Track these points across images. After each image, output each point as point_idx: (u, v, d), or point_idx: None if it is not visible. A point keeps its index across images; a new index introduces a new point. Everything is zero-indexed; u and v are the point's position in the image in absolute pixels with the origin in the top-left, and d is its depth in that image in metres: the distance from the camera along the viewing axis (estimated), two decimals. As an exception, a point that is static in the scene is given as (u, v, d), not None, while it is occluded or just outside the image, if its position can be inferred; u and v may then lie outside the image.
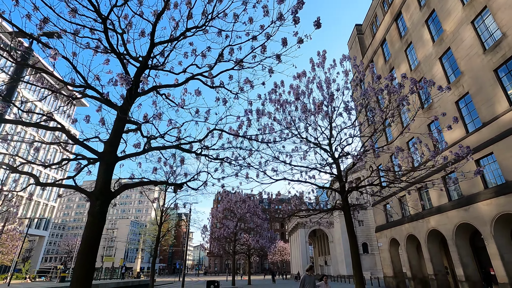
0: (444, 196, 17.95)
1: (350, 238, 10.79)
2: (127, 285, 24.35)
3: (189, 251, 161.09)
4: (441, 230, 18.00)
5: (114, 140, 5.53)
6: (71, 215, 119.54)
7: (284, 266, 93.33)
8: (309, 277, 8.45)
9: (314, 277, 8.63)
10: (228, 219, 30.76)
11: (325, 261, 61.91)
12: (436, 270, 18.85)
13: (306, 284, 8.30)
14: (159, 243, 13.76)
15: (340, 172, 11.88)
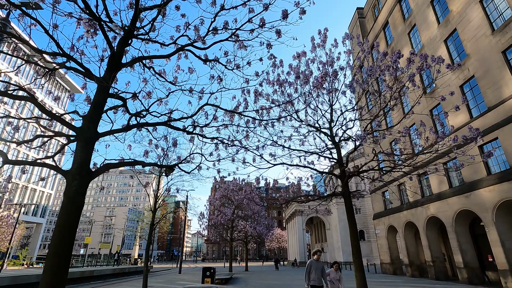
0: (444, 183, 17.63)
1: (350, 224, 10.43)
2: (124, 271, 24.27)
3: (187, 238, 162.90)
4: (441, 217, 17.78)
5: (94, 115, 4.95)
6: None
7: (281, 253, 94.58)
8: (316, 263, 7.30)
9: (322, 263, 7.41)
10: (225, 206, 30.55)
11: (321, 248, 62.59)
12: (434, 257, 18.76)
13: (312, 270, 7.13)
14: (153, 230, 13.35)
15: (341, 156, 11.41)
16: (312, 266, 7.21)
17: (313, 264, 7.27)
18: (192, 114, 6.12)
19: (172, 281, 19.39)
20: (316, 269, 7.18)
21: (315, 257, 7.48)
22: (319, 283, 7.12)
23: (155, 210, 13.97)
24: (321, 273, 7.22)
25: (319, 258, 7.53)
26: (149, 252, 13.16)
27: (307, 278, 7.15)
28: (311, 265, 7.23)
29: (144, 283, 12.37)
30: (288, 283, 18.03)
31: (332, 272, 7.81)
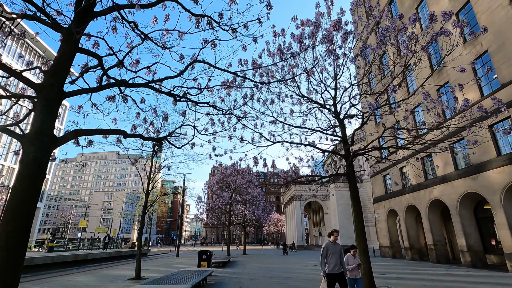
0: (450, 165, 17.00)
1: (354, 206, 9.80)
2: (120, 255, 24.00)
3: (187, 222, 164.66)
4: (445, 200, 17.26)
5: (59, 70, 4.09)
6: (67, 187, 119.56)
7: (279, 237, 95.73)
8: (333, 246, 5.93)
9: (339, 246, 6.06)
10: (223, 190, 30.08)
11: (319, 232, 63.08)
12: (435, 240, 18.41)
13: (329, 254, 5.80)
14: (146, 212, 12.72)
15: (345, 134, 10.64)
16: (328, 249, 5.86)
17: (329, 247, 5.91)
18: (180, 72, 5.24)
19: (169, 265, 19.04)
20: (333, 253, 5.82)
21: (332, 239, 6.04)
22: (338, 270, 5.77)
23: (148, 192, 13.31)
24: (339, 258, 5.89)
25: (336, 240, 6.07)
26: (142, 235, 12.58)
27: (323, 264, 5.83)
28: (327, 248, 5.89)
29: (137, 266, 11.86)
30: (287, 266, 17.70)
31: (350, 258, 6.45)
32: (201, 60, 5.37)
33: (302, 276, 12.86)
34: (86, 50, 4.59)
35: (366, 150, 10.11)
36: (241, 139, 10.31)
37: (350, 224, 50.40)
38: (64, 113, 64.07)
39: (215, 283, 10.90)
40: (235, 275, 13.37)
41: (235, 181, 29.90)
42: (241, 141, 10.32)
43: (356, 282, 6.41)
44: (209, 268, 12.33)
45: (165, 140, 6.72)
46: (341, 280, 5.83)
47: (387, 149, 10.42)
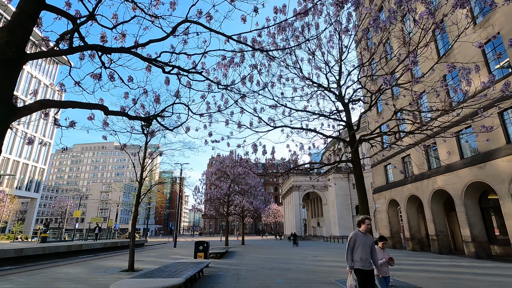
0: (455, 154, 16.45)
1: (360, 194, 9.22)
2: (116, 245, 23.56)
3: (185, 213, 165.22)
4: (449, 189, 16.79)
5: (18, 27, 3.38)
6: (65, 178, 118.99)
7: (278, 227, 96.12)
8: (363, 237, 4.73)
9: (371, 237, 4.85)
10: (221, 180, 29.55)
11: (317, 223, 63.17)
12: (438, 231, 18.03)
13: (358, 247, 4.63)
14: (140, 202, 12.12)
15: (350, 119, 9.99)
16: (357, 240, 4.66)
17: (358, 237, 4.69)
18: (167, 34, 4.52)
19: (165, 255, 18.60)
20: (363, 246, 4.63)
21: (362, 228, 4.80)
22: (368, 266, 4.61)
23: (142, 181, 12.68)
24: (370, 251, 4.69)
25: (368, 229, 4.81)
26: (135, 225, 12.02)
27: (349, 257, 4.69)
28: (356, 239, 4.68)
29: (130, 258, 11.33)
30: (286, 257, 17.29)
31: (378, 252, 5.26)
32: (193, 20, 4.62)
33: (303, 267, 12.41)
34: (54, 8, 3.86)
35: (373, 136, 9.48)
36: (239, 124, 9.66)
37: (349, 215, 50.32)
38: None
39: (212, 274, 10.41)
40: (233, 266, 12.91)
41: (233, 172, 29.36)
42: (239, 126, 9.66)
43: (385, 280, 5.32)
44: (205, 259, 11.84)
45: (154, 120, 6.06)
46: (370, 279, 4.63)
47: (394, 135, 9.81)
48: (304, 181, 56.53)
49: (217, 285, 8.32)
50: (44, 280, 9.15)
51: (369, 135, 8.86)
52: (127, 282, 5.74)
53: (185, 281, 6.79)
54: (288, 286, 8.22)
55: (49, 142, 63.22)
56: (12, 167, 54.77)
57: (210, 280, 9.19)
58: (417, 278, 9.30)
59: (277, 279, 9.33)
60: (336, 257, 17.20)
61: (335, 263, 14.01)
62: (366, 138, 9.52)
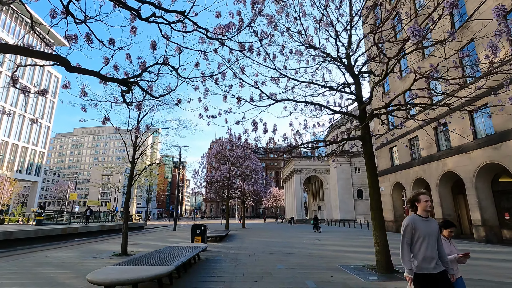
0: (467, 134, 15.48)
1: (370, 175, 8.39)
2: (114, 228, 23.18)
3: (187, 197, 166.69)
4: (459, 172, 15.97)
5: None
6: (66, 162, 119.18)
7: (278, 211, 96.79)
8: (425, 223, 3.06)
9: (436, 223, 3.14)
10: (221, 163, 28.87)
11: (318, 206, 63.19)
12: (445, 215, 17.37)
13: (420, 238, 3.00)
14: (133, 183, 11.38)
15: (360, 91, 9.01)
16: (417, 229, 3.02)
17: (418, 225, 3.04)
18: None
19: (163, 239, 18.15)
20: (427, 237, 3.01)
21: (421, 209, 3.13)
22: (436, 268, 2.97)
23: (134, 161, 11.90)
24: (436, 245, 3.06)
25: (428, 210, 3.12)
26: (128, 208, 11.33)
27: (407, 256, 3.04)
28: (415, 227, 3.03)
29: (123, 241, 10.71)
30: (287, 240, 16.77)
31: (445, 245, 3.45)
32: None
33: (305, 251, 11.80)
34: None
35: (387, 111, 8.53)
36: (238, 99, 8.71)
37: (350, 198, 50.06)
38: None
39: (209, 259, 9.78)
40: (232, 250, 12.32)
41: (233, 155, 28.63)
42: (238, 101, 8.70)
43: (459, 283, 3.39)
44: (203, 243, 11.22)
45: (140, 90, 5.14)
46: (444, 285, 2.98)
47: (408, 110, 8.83)
48: (306, 165, 55.99)
49: (213, 271, 7.65)
50: (28, 265, 8.53)
51: (384, 108, 7.90)
52: (106, 271, 5.00)
53: (175, 269, 6.09)
54: (290, 272, 7.55)
55: (48, 126, 62.56)
56: (12, 150, 54.39)
57: (206, 266, 8.54)
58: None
59: (279, 265, 8.68)
60: (338, 241, 16.67)
61: (339, 247, 13.43)
62: (379, 113, 8.58)
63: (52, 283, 6.33)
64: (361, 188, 50.55)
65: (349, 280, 6.66)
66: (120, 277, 4.56)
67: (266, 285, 6.26)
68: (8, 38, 49.37)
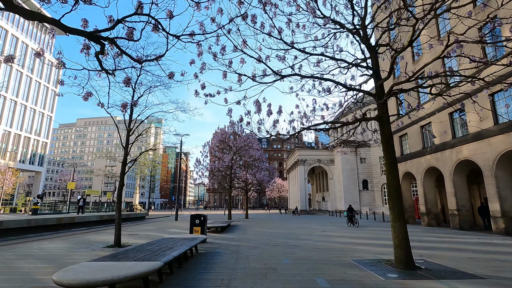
0: (488, 120, 14.38)
1: (388, 159, 7.43)
2: (113, 218, 22.57)
3: (190, 188, 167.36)
4: (477, 159, 14.92)
5: None
6: (69, 152, 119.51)
7: (282, 202, 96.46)
8: None
9: None
10: (224, 152, 28.02)
11: (322, 197, 62.47)
12: (459, 205, 16.41)
13: None
14: (126, 171, 10.54)
15: (378, 65, 7.95)
16: None
17: None
18: None
19: (163, 229, 17.47)
20: None
21: None
22: None
23: (127, 147, 11.03)
24: None
25: None
26: (121, 197, 10.52)
27: None
28: None
29: (116, 232, 9.95)
30: (292, 232, 15.99)
31: None
32: None
33: (311, 244, 10.98)
34: None
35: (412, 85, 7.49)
36: (239, 76, 7.75)
37: (355, 189, 49.16)
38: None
39: (208, 252, 8.99)
40: (234, 242, 11.54)
41: (235, 143, 27.75)
42: (239, 78, 7.75)
43: None
44: (202, 235, 10.43)
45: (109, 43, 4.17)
46: None
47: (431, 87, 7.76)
48: (310, 155, 55.05)
49: (211, 266, 6.84)
50: (10, 257, 7.80)
51: (406, 81, 6.85)
52: (79, 268, 4.17)
53: (167, 264, 5.26)
54: (297, 268, 6.71)
55: (50, 116, 62.10)
56: (14, 140, 54.14)
57: (204, 260, 7.73)
58: (452, 259, 7.72)
59: (284, 259, 7.85)
60: (346, 232, 15.85)
61: (347, 239, 12.59)
62: (400, 89, 7.53)
63: (26, 280, 5.55)
64: (366, 178, 49.58)
65: (366, 278, 5.79)
66: (91, 278, 3.71)
67: (271, 283, 5.41)
68: None
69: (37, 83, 58.87)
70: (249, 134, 29.24)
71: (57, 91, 65.12)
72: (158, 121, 54.15)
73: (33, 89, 58.43)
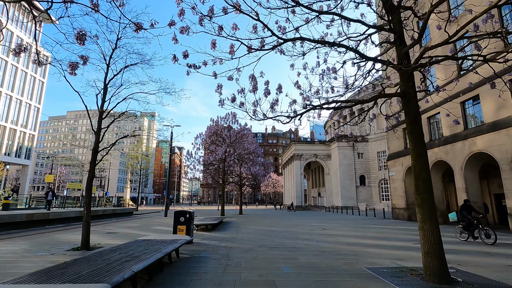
0: (506, 108, 13.05)
1: (414, 144, 5.99)
2: (96, 214, 20.91)
3: (184, 183, 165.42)
4: (493, 152, 13.61)
5: None
6: (59, 145, 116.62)
7: (277, 197, 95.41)
8: None
9: None
10: (216, 144, 26.43)
11: (318, 193, 61.42)
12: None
13: None
14: (96, 159, 8.93)
15: (402, 28, 6.44)
16: None
17: None
18: None
19: (147, 226, 15.93)
20: None
21: None
22: None
23: (99, 130, 9.41)
24: None
25: None
26: (91, 189, 8.93)
27: None
28: None
29: (84, 232, 8.37)
30: (290, 230, 14.59)
31: None
32: None
33: (314, 245, 9.55)
34: None
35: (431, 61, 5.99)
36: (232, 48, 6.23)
37: (352, 184, 48.05)
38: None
39: (192, 256, 7.49)
40: (225, 242, 10.06)
41: (229, 135, 26.19)
42: (230, 51, 6.23)
43: None
44: (186, 235, 8.90)
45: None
46: None
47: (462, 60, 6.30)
48: (306, 150, 53.77)
49: (192, 280, 5.33)
50: None
51: (445, 43, 5.35)
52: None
53: (129, 279, 3.73)
54: (301, 280, 5.24)
55: (38, 107, 59.60)
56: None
57: (184, 269, 6.22)
58: (487, 267, 6.34)
59: (284, 267, 6.39)
60: (348, 230, 14.48)
61: (353, 239, 11.18)
62: (430, 57, 6.02)
63: None
64: (363, 174, 48.50)
65: (396, 299, 4.34)
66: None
67: (269, 309, 3.93)
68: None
69: (23, 73, 56.29)
70: (243, 127, 27.68)
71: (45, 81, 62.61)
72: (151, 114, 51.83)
73: (19, 79, 55.85)
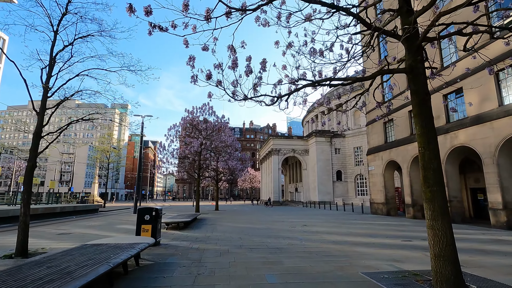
0: (490, 100, 12.84)
1: (425, 129, 5.03)
2: (54, 211, 18.65)
3: (159, 178, 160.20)
4: (475, 146, 13.42)
5: None
6: (20, 138, 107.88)
7: (254, 193, 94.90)
8: None
9: None
10: (192, 137, 24.83)
11: (295, 188, 61.43)
12: (451, 197, 14.98)
13: None
14: (38, 144, 7.31)
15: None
16: None
17: None
18: None
19: (110, 226, 14.25)
20: None
21: None
22: None
23: (43, 111, 7.74)
24: None
25: None
26: (31, 184, 7.29)
27: None
28: None
29: (20, 236, 6.77)
30: (269, 227, 13.60)
31: None
32: None
33: (298, 244, 8.59)
34: None
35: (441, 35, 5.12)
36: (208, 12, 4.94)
37: (329, 180, 48.25)
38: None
39: (155, 263, 6.19)
40: (197, 243, 8.82)
41: (205, 126, 24.71)
42: (207, 15, 4.93)
43: None
44: (151, 237, 7.55)
45: None
46: None
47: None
48: (284, 145, 53.28)
49: (150, 297, 4.06)
50: None
51: (467, 3, 4.44)
52: None
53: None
54: (292, 295, 4.16)
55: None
56: None
57: (141, 282, 4.93)
58: (496, 269, 5.66)
59: (267, 274, 5.30)
60: (330, 226, 13.75)
61: (338, 236, 10.37)
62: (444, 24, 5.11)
63: None
64: (340, 169, 48.89)
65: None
66: None
67: None
68: None
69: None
70: (221, 119, 26.27)
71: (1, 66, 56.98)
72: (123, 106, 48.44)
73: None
